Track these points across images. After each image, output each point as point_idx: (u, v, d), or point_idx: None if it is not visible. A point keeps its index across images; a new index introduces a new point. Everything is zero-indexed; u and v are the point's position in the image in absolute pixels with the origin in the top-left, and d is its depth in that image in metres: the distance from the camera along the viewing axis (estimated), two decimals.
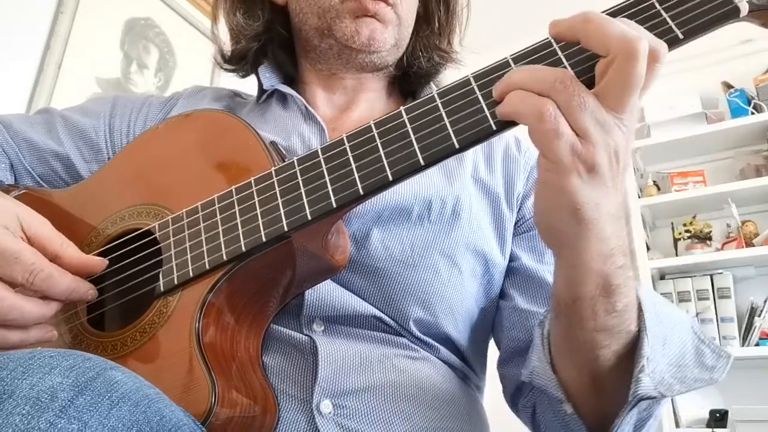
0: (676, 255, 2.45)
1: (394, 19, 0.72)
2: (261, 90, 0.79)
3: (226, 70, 0.84)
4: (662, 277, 2.47)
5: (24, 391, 0.33)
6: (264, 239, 0.51)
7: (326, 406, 0.55)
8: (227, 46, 0.82)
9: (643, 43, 0.40)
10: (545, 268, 0.70)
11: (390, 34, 0.72)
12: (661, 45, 0.42)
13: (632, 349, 0.50)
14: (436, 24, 0.81)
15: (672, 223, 2.57)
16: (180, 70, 2.05)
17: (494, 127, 0.46)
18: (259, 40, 0.79)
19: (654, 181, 2.56)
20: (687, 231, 2.44)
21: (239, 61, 0.81)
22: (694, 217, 2.50)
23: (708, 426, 2.16)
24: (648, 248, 2.45)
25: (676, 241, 2.50)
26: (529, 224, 0.73)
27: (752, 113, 2.39)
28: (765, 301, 2.22)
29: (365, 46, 0.71)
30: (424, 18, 0.81)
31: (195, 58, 2.09)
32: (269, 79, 0.78)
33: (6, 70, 1.53)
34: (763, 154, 2.42)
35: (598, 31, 0.41)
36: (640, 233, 2.42)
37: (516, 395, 0.67)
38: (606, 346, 0.49)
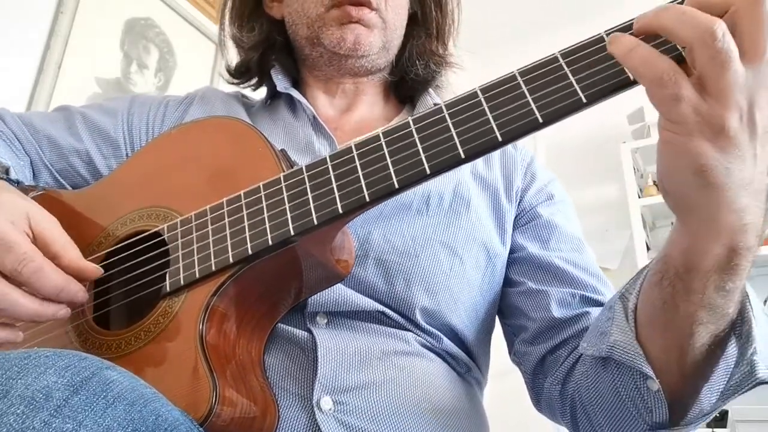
0: None
1: (379, 23, 0.74)
2: (271, 91, 0.81)
3: (232, 83, 0.85)
4: None
5: (19, 391, 0.33)
6: (270, 242, 0.52)
7: (326, 402, 0.56)
8: (234, 61, 0.84)
9: None
10: (551, 253, 0.71)
11: (376, 37, 0.74)
12: None
13: (725, 333, 0.48)
14: (432, 25, 0.82)
15: (672, 223, 2.55)
16: (180, 70, 2.04)
17: (500, 139, 0.47)
18: (258, 50, 0.81)
19: (654, 181, 2.55)
20: None
21: (243, 74, 0.84)
22: None
23: (708, 426, 2.16)
24: (648, 248, 2.45)
25: None
26: (530, 215, 0.75)
27: None
28: (765, 301, 2.22)
29: (352, 51, 0.73)
30: (417, 20, 0.82)
31: (195, 58, 2.08)
32: (282, 81, 0.80)
33: (6, 70, 1.52)
34: None
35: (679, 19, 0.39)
36: (640, 233, 2.41)
37: (537, 370, 0.68)
38: (704, 323, 0.47)
